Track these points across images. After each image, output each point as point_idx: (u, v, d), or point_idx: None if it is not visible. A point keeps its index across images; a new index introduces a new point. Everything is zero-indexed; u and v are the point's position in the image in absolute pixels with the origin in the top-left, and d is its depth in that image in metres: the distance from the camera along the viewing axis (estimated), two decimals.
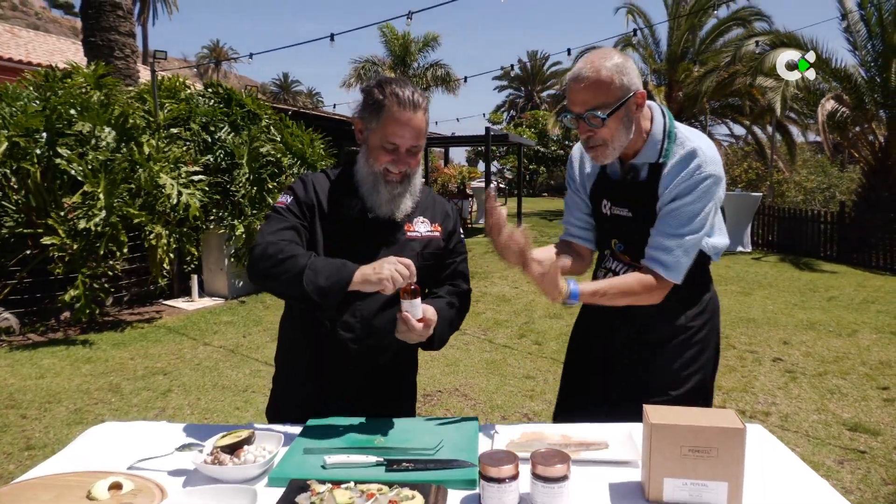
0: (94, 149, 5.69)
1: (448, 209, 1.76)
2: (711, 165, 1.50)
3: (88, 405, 3.98)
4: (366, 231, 1.59)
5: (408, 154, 1.55)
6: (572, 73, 1.51)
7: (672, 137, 1.55)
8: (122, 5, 8.62)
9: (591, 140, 1.53)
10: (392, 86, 1.54)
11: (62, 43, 19.81)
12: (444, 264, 1.72)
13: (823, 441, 3.33)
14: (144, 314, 6.63)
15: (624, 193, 1.63)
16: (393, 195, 1.57)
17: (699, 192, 1.50)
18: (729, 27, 18.11)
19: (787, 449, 1.39)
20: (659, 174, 1.54)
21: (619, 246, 1.68)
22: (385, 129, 1.51)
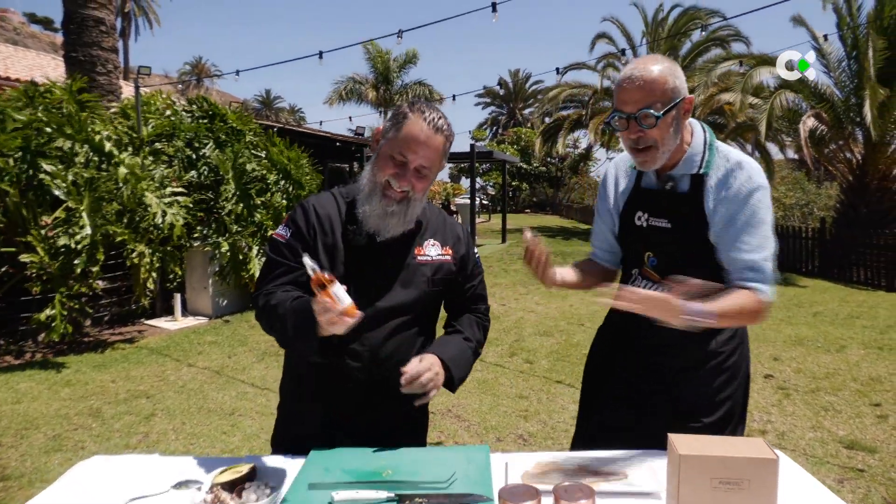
0: (76, 165, 5.56)
1: (460, 232, 1.69)
2: (759, 176, 1.51)
3: (68, 431, 3.83)
4: (374, 256, 1.52)
5: (415, 174, 1.48)
6: (623, 75, 1.49)
7: (713, 150, 1.55)
8: (105, 21, 8.51)
9: (640, 141, 1.49)
10: (422, 104, 1.51)
11: (41, 58, 19.54)
12: (463, 289, 1.67)
13: (821, 460, 3.30)
14: (126, 334, 6.46)
15: (663, 204, 1.59)
16: (385, 211, 1.48)
17: (757, 204, 1.49)
18: (707, 47, 18.50)
19: (814, 479, 1.34)
20: (702, 185, 1.53)
21: (651, 260, 1.63)
22: (400, 139, 1.47)
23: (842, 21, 11.24)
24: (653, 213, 1.61)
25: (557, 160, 33.75)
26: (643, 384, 1.65)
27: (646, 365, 1.65)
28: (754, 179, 1.49)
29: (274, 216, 7.31)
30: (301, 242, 1.51)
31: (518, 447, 3.54)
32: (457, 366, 1.52)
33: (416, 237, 1.58)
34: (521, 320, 6.89)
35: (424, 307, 1.58)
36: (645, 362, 1.65)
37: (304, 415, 1.61)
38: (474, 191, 14.48)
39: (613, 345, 1.76)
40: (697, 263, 1.55)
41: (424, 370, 1.42)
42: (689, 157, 1.55)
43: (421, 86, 33.13)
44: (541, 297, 8.32)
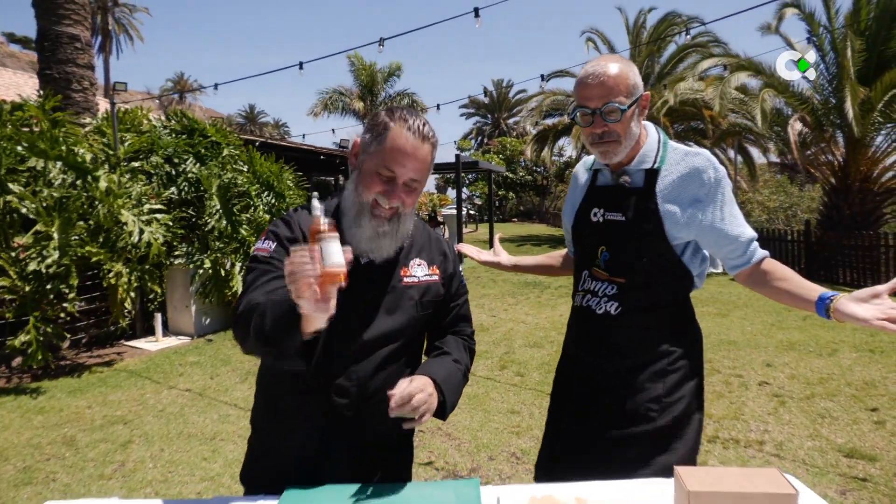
0: (47, 185, 5.39)
1: (446, 248, 1.58)
2: (719, 168, 1.55)
3: (39, 462, 3.65)
4: (358, 277, 1.35)
5: (404, 188, 1.35)
6: (584, 72, 1.53)
7: (666, 147, 1.61)
8: (80, 37, 8.36)
9: (605, 135, 1.54)
10: (402, 112, 1.37)
11: (19, 77, 19.27)
12: (447, 309, 1.55)
13: (822, 470, 3.22)
14: (105, 356, 6.26)
15: (618, 199, 1.62)
16: (377, 233, 1.36)
17: (724, 196, 1.54)
18: (688, 53, 18.67)
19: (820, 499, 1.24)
20: (655, 179, 1.57)
21: (604, 255, 1.63)
22: (385, 153, 1.33)
23: (814, 26, 11.36)
24: (608, 208, 1.65)
25: (543, 169, 33.88)
26: (602, 391, 1.61)
27: (606, 370, 1.62)
28: (714, 169, 1.53)
29: (257, 232, 7.17)
30: (285, 256, 1.33)
31: (511, 465, 3.42)
32: (449, 389, 1.37)
33: (401, 257, 1.44)
34: (511, 332, 6.79)
35: (412, 333, 1.46)
36: (605, 368, 1.62)
37: (280, 450, 1.45)
38: (461, 201, 14.41)
39: (575, 357, 1.73)
40: (650, 256, 1.57)
41: (416, 391, 1.25)
42: (643, 154, 1.60)
43: (406, 97, 33.19)
44: (530, 308, 8.22)
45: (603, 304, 1.61)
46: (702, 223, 1.53)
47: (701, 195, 1.52)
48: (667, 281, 1.59)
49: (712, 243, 1.57)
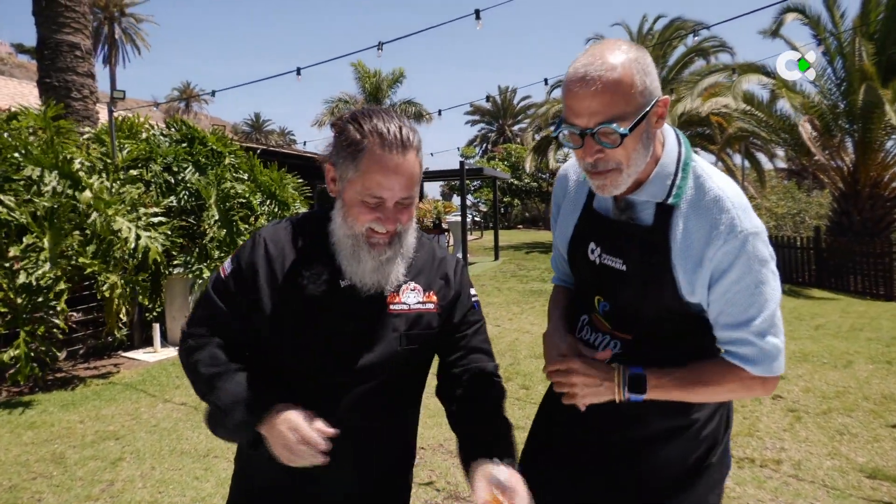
0: (38, 195, 5.29)
1: (449, 272, 1.35)
2: (746, 218, 1.14)
3: (26, 481, 3.52)
4: (335, 304, 1.22)
5: (397, 209, 1.18)
6: (574, 71, 1.09)
7: (687, 172, 1.18)
8: (80, 45, 8.31)
9: (599, 164, 1.13)
10: (373, 121, 1.17)
11: (24, 87, 19.36)
12: (452, 341, 1.33)
13: (843, 492, 3.05)
14: (101, 368, 6.14)
15: (619, 239, 1.25)
16: (380, 262, 1.20)
17: (747, 258, 1.13)
18: (693, 59, 18.56)
19: None
20: (669, 220, 1.17)
21: (602, 305, 1.30)
22: (366, 178, 1.15)
23: (819, 31, 11.23)
24: (606, 248, 1.27)
25: (548, 175, 33.76)
26: (599, 458, 1.32)
27: (604, 434, 1.31)
28: (738, 225, 1.12)
29: None
30: (240, 284, 1.24)
31: None
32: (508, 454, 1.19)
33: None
34: (516, 342, 6.64)
35: (395, 370, 1.26)
36: (602, 430, 1.31)
37: (262, 486, 1.30)
38: (465, 208, 14.29)
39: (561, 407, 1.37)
40: (663, 319, 1.23)
41: None
42: (656, 178, 1.19)
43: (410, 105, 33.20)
44: (535, 317, 8.07)
45: None
46: (717, 290, 1.17)
47: (721, 253, 1.14)
48: (687, 336, 1.25)
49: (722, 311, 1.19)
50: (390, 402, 1.30)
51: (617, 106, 1.07)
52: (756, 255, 1.14)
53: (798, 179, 20.91)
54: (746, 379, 1.18)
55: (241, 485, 1.37)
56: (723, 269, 1.14)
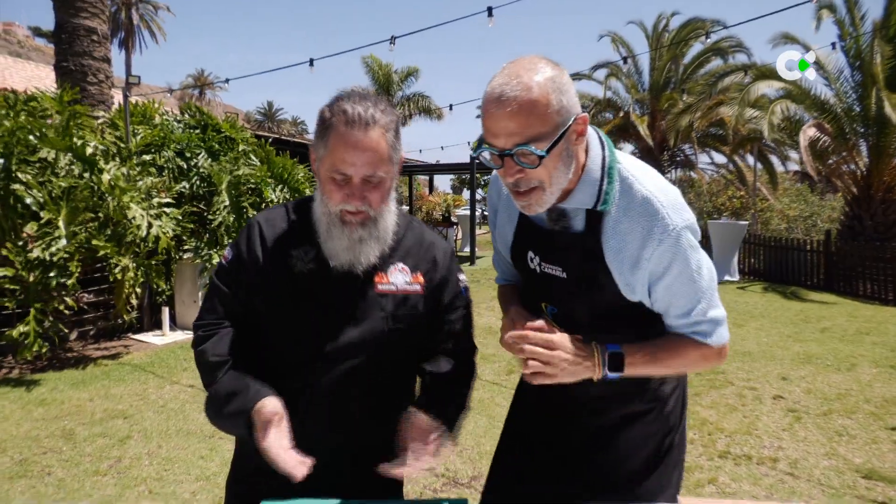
0: (54, 175, 5.38)
1: (438, 255, 1.39)
2: (675, 214, 1.16)
3: (36, 455, 3.61)
4: (325, 284, 1.28)
5: (364, 185, 1.22)
6: (491, 90, 1.09)
7: (613, 176, 1.20)
8: (97, 30, 8.40)
9: (521, 183, 1.14)
10: (342, 102, 1.22)
11: (41, 70, 19.54)
12: (438, 323, 1.38)
13: (838, 491, 3.07)
14: (111, 349, 6.25)
15: (555, 247, 1.27)
16: (352, 241, 1.25)
17: (683, 253, 1.17)
18: (709, 58, 18.42)
19: None
20: (600, 225, 1.20)
21: (550, 309, 1.34)
22: (332, 155, 1.21)
23: (844, 31, 11.11)
24: (545, 256, 1.29)
25: None
26: (566, 445, 1.37)
27: (570, 421, 1.36)
28: (670, 223, 1.15)
29: None
30: (240, 269, 1.32)
31: None
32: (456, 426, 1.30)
33: (381, 260, 1.32)
34: None
35: (381, 349, 1.30)
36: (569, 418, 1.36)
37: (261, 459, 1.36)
38: (474, 202, 14.31)
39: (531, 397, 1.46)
40: (608, 318, 1.26)
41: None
42: (583, 185, 1.20)
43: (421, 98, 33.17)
44: None
45: None
46: (660, 287, 1.21)
47: (657, 254, 1.17)
48: (634, 328, 1.28)
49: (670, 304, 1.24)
50: (380, 381, 1.34)
51: (533, 127, 1.07)
52: (690, 246, 1.19)
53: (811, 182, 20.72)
54: (705, 350, 1.24)
55: (242, 463, 1.43)
56: (663, 267, 1.17)
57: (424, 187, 27.87)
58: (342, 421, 1.30)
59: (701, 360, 1.26)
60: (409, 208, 23.41)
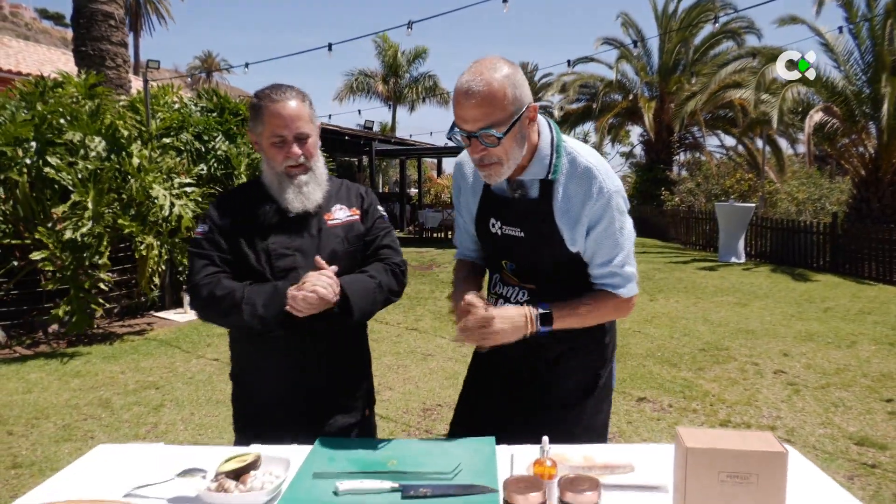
0: (83, 158, 5.59)
1: (361, 191, 1.82)
2: (609, 181, 1.46)
3: (77, 421, 3.86)
4: (289, 230, 1.64)
5: (298, 143, 1.60)
6: (460, 85, 1.36)
7: (560, 152, 1.49)
8: (115, 15, 8.54)
9: (484, 158, 1.42)
10: (264, 89, 1.63)
11: (52, 53, 19.67)
12: (370, 240, 1.76)
13: (832, 456, 3.27)
14: (135, 326, 6.50)
15: (515, 212, 1.55)
16: (300, 189, 1.62)
17: (612, 211, 1.46)
18: (719, 40, 18.33)
19: (824, 473, 1.32)
20: (551, 191, 1.49)
21: (509, 266, 1.62)
22: (268, 126, 1.59)
23: (852, 14, 11.08)
24: (505, 221, 1.58)
25: None
26: (517, 375, 1.65)
27: (521, 357, 1.61)
28: (605, 186, 1.44)
29: None
30: (216, 236, 1.62)
31: None
32: (354, 291, 1.57)
33: (324, 206, 1.70)
34: None
35: (344, 265, 1.63)
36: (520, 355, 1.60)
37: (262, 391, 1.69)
38: None
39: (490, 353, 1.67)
40: (557, 268, 1.56)
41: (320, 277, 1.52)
42: (536, 161, 1.48)
43: (429, 78, 33.11)
44: None
45: None
46: (590, 238, 1.49)
47: (594, 215, 1.46)
48: (578, 278, 1.57)
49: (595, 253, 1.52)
50: None
51: (493, 115, 1.35)
52: (618, 208, 1.48)
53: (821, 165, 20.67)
54: (618, 300, 1.53)
55: (242, 397, 1.76)
56: (595, 221, 1.47)
57: (433, 170, 27.97)
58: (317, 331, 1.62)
59: (614, 310, 1.56)
60: (418, 191, 23.54)
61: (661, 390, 4.33)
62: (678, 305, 7.39)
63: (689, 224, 15.62)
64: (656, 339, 5.76)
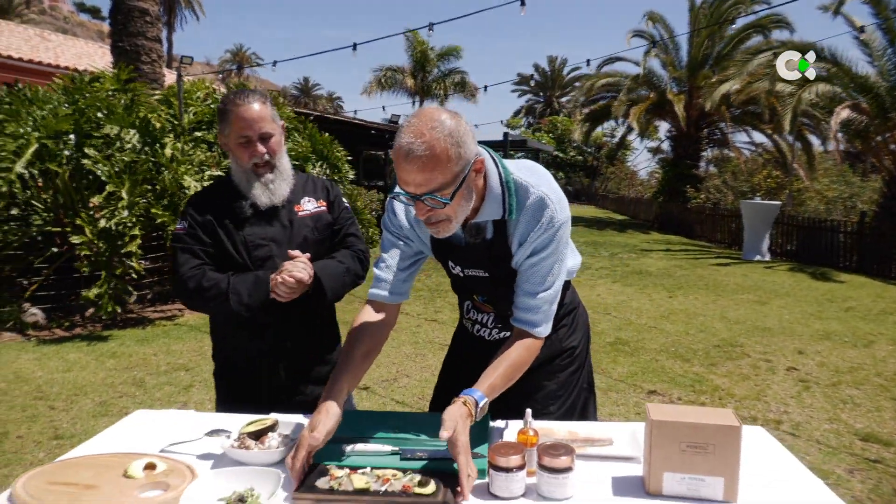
0: (119, 150, 5.86)
1: (327, 184, 1.98)
2: (561, 211, 1.44)
3: (113, 398, 4.11)
4: (262, 222, 1.81)
5: (262, 141, 1.74)
6: (400, 147, 1.27)
7: (512, 189, 1.43)
8: (150, 11, 8.83)
9: (431, 217, 1.34)
10: (229, 95, 1.77)
11: (89, 46, 20.26)
12: (337, 229, 1.93)
13: (835, 450, 3.34)
14: (167, 312, 6.79)
15: (472, 255, 1.53)
16: (266, 184, 1.77)
17: (556, 243, 1.44)
18: (749, 34, 18.03)
19: (786, 450, 1.44)
20: (505, 228, 1.47)
21: (480, 297, 1.68)
22: (233, 127, 1.73)
23: (881, 9, 10.86)
24: (465, 264, 1.57)
25: (594, 149, 33.41)
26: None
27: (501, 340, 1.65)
28: (556, 217, 1.42)
29: None
30: (196, 231, 1.76)
31: None
32: (326, 275, 1.76)
33: (292, 199, 1.86)
34: None
35: (314, 253, 1.81)
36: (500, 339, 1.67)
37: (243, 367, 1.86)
38: None
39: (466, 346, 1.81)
40: None
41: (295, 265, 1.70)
42: (489, 203, 1.43)
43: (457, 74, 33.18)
44: None
45: (494, 333, 1.70)
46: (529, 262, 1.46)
47: (538, 243, 1.43)
48: None
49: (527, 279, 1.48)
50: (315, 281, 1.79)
51: (436, 180, 1.27)
52: (563, 238, 1.47)
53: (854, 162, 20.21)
54: (532, 347, 1.48)
55: (221, 352, 1.94)
56: (540, 248, 1.44)
57: None
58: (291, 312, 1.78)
59: (529, 357, 1.48)
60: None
61: (672, 384, 4.42)
62: (696, 302, 7.42)
63: (714, 221, 15.50)
64: (671, 335, 5.82)
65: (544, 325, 1.49)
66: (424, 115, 1.29)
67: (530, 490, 1.23)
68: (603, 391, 4.27)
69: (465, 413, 1.29)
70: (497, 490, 1.21)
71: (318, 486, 1.21)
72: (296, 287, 1.67)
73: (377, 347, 1.56)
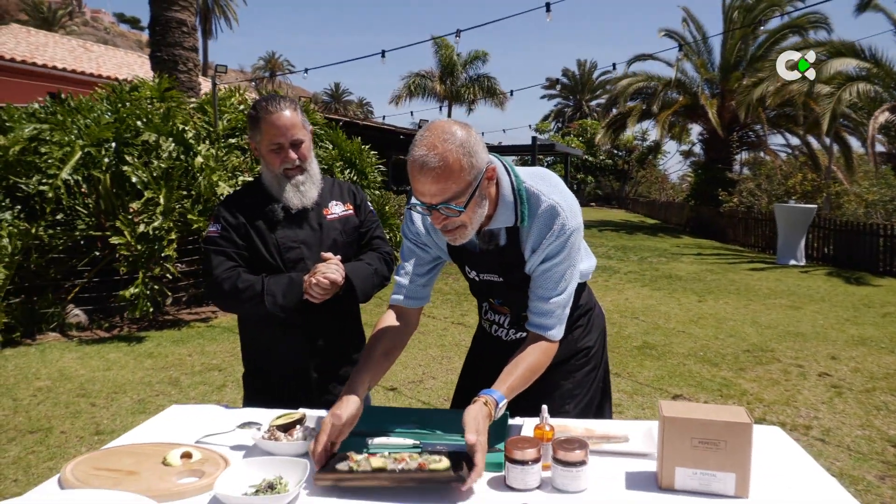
0: (157, 158, 6.07)
1: (353, 188, 2.04)
2: (573, 218, 1.47)
3: (150, 396, 4.27)
4: (293, 225, 1.86)
5: (293, 147, 1.79)
6: (414, 160, 1.31)
7: (524, 197, 1.48)
8: (187, 22, 9.11)
9: (447, 225, 1.40)
10: (261, 102, 1.81)
11: (129, 56, 20.95)
12: (363, 232, 2.00)
13: (865, 456, 3.28)
14: (201, 314, 6.98)
15: (487, 261, 1.59)
16: (297, 188, 1.82)
17: (567, 249, 1.48)
18: (785, 35, 17.66)
19: (802, 449, 1.45)
20: (518, 235, 1.51)
21: (497, 300, 1.72)
22: (265, 135, 1.78)
23: None
24: (480, 269, 1.62)
25: (624, 153, 33.09)
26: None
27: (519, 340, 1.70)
28: (567, 225, 1.45)
29: None
30: (230, 233, 1.81)
31: None
32: (357, 276, 1.82)
33: (321, 203, 1.91)
34: None
35: (343, 255, 1.87)
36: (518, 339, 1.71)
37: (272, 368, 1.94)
38: None
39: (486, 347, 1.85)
40: None
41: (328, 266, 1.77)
42: (502, 210, 1.47)
43: (485, 79, 33.27)
44: (596, 290, 8.33)
45: (511, 333, 1.75)
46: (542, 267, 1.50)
47: (551, 250, 1.47)
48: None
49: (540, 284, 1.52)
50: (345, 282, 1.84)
51: (450, 189, 1.32)
52: (575, 245, 1.50)
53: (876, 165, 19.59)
54: (548, 350, 1.52)
55: (251, 350, 2.01)
56: (553, 254, 1.48)
57: None
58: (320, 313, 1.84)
59: (546, 360, 1.52)
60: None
61: (699, 388, 4.39)
62: (727, 307, 7.32)
63: (747, 225, 15.21)
64: (700, 339, 5.76)
65: (558, 329, 1.53)
66: (436, 129, 1.33)
67: (545, 483, 1.28)
68: (628, 395, 4.26)
69: (486, 413, 1.34)
70: (513, 482, 1.26)
71: (338, 468, 1.27)
72: (329, 288, 1.73)
73: (398, 348, 1.61)
